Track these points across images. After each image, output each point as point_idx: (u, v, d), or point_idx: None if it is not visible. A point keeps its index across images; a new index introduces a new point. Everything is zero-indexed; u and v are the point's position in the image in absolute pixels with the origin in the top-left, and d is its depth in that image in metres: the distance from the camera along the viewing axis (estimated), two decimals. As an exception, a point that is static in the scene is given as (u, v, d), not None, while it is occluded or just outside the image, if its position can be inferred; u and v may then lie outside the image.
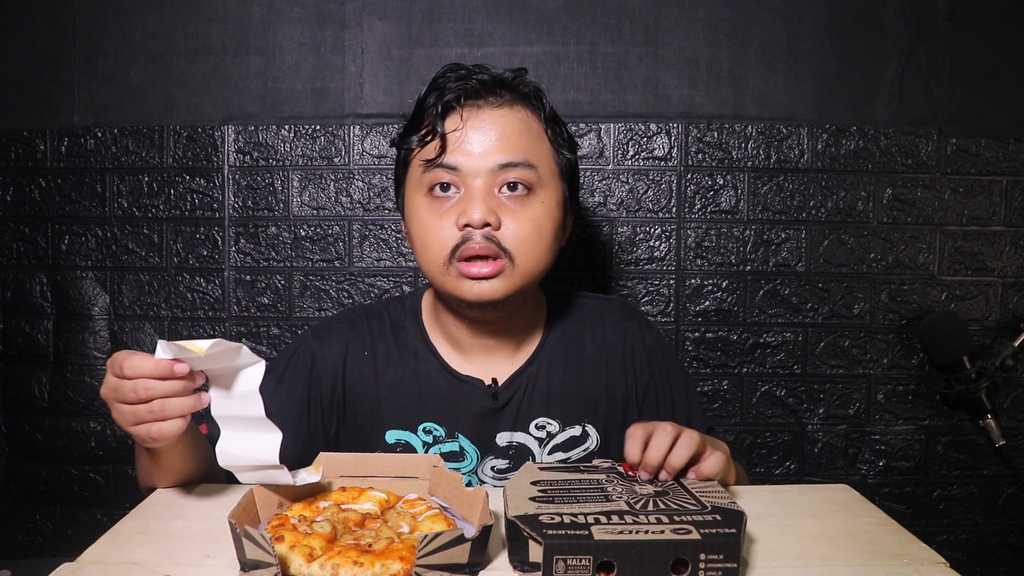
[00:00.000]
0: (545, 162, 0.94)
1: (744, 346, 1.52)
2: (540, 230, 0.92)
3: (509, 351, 1.02)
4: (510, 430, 1.00)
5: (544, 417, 1.01)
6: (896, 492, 1.54)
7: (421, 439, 0.99)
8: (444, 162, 0.91)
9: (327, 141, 1.51)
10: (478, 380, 1.00)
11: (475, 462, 1.00)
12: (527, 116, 0.94)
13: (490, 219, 0.88)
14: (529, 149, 0.92)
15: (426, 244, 0.93)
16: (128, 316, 1.53)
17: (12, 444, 1.56)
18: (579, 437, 1.02)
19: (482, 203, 0.89)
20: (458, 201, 0.91)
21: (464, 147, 0.91)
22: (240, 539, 0.64)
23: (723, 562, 0.62)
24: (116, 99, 1.51)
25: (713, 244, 1.51)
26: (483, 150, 0.90)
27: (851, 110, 1.50)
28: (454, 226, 0.90)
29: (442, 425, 0.99)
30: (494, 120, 0.92)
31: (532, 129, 0.94)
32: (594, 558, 0.62)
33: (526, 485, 0.76)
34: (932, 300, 1.52)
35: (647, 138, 1.50)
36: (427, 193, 0.93)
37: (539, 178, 0.92)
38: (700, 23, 1.49)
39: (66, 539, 1.54)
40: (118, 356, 0.75)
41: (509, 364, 1.02)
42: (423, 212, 0.93)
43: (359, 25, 1.49)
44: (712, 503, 0.71)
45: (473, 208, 0.88)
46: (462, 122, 0.91)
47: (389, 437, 1.00)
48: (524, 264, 0.91)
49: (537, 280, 0.96)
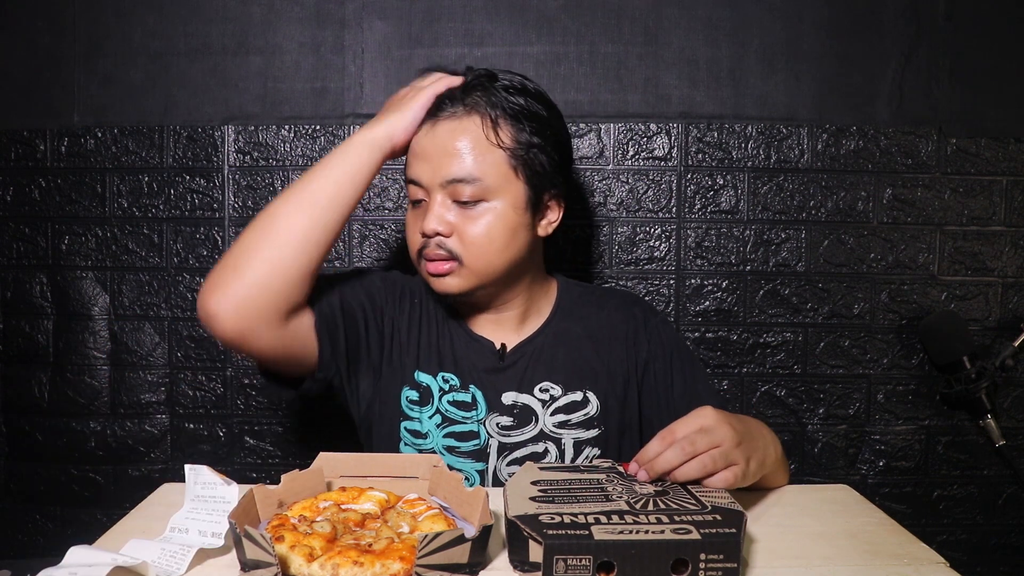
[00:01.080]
0: (494, 171, 1.00)
1: (744, 346, 1.52)
2: (489, 235, 1.01)
3: (515, 324, 1.12)
4: (516, 391, 1.08)
5: (547, 381, 1.09)
6: (896, 492, 1.54)
7: (439, 384, 1.09)
8: (412, 177, 1.03)
9: (327, 141, 1.51)
10: (488, 341, 1.11)
11: (484, 412, 1.08)
12: (477, 125, 1.00)
13: (440, 229, 1.00)
14: (475, 164, 0.99)
15: (408, 243, 1.07)
16: (128, 316, 1.53)
17: (12, 444, 1.56)
18: (580, 402, 1.09)
19: (434, 216, 1.00)
20: (423, 209, 1.02)
21: (422, 162, 1.01)
22: (240, 539, 0.64)
23: (723, 562, 0.63)
24: (116, 99, 1.51)
25: (713, 244, 1.51)
26: (435, 166, 1.00)
27: (851, 110, 1.50)
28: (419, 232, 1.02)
29: (457, 376, 1.09)
30: (445, 135, 1.00)
31: (481, 139, 1.00)
32: (594, 558, 0.62)
33: (526, 485, 0.76)
34: (932, 300, 1.52)
35: (647, 138, 1.50)
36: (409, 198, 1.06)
37: (487, 188, 1.00)
38: (700, 23, 1.49)
39: (66, 539, 1.53)
40: None
41: (516, 335, 1.12)
42: (408, 214, 1.07)
43: (359, 25, 1.49)
44: (712, 503, 0.71)
45: (427, 220, 1.00)
46: (421, 137, 1.02)
47: (417, 376, 1.09)
48: (474, 265, 1.02)
49: (499, 274, 1.04)
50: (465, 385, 1.08)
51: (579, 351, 1.11)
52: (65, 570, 0.63)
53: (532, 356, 1.10)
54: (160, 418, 1.54)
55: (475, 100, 1.00)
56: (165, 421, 1.54)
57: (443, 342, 1.11)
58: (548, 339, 1.12)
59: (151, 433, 1.54)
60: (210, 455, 1.54)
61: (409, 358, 1.10)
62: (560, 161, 1.06)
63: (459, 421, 1.07)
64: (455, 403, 1.08)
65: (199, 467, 0.76)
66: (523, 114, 1.01)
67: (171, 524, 0.75)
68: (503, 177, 1.00)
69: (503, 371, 1.09)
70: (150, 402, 1.54)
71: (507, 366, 1.09)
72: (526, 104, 1.02)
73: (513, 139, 1.00)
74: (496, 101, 1.00)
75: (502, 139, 1.00)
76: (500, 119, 1.00)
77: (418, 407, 1.08)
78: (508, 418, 1.07)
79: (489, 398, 1.08)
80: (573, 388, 1.09)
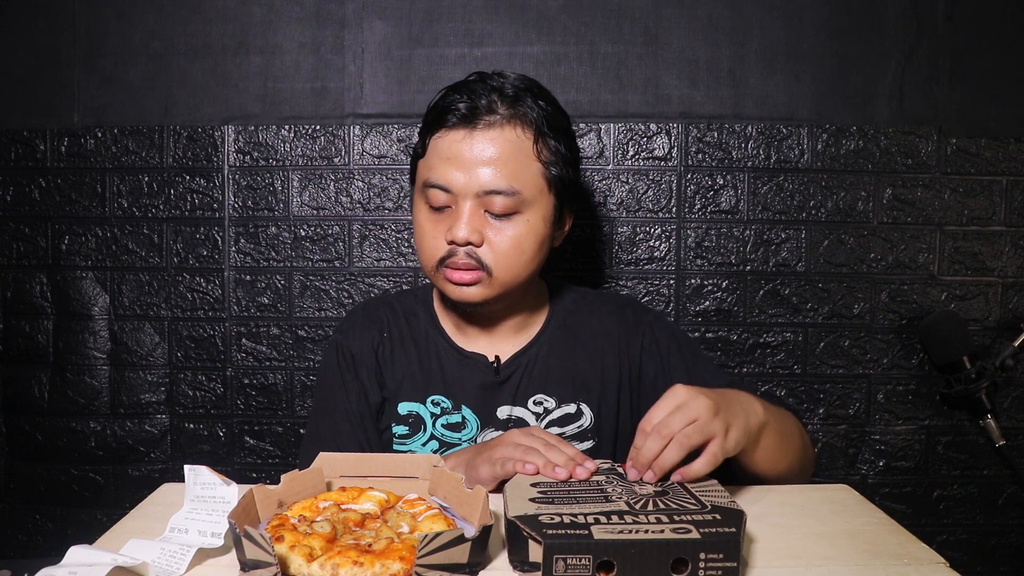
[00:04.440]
0: (532, 183, 0.98)
1: (744, 346, 1.52)
2: (521, 247, 0.99)
3: (509, 335, 1.10)
4: (510, 404, 1.07)
5: (542, 394, 1.08)
6: (896, 492, 1.54)
7: (429, 410, 1.07)
8: (438, 183, 0.97)
9: (327, 141, 1.51)
10: (482, 356, 1.08)
11: (475, 431, 1.07)
12: (519, 136, 0.97)
13: (472, 238, 0.96)
14: (514, 175, 0.96)
15: (421, 248, 1.02)
16: (128, 316, 1.53)
17: (12, 444, 1.56)
18: (573, 414, 1.08)
19: (466, 224, 0.96)
20: (448, 215, 0.98)
21: (456, 169, 0.96)
22: (240, 539, 0.64)
23: (723, 561, 0.63)
24: (116, 99, 1.51)
25: (713, 244, 1.51)
26: (471, 174, 0.96)
27: (851, 110, 1.50)
28: (444, 238, 0.98)
29: (448, 398, 1.07)
30: (484, 144, 0.96)
31: (521, 151, 0.97)
32: (594, 557, 0.62)
33: (526, 486, 0.76)
34: (932, 300, 1.52)
35: (647, 138, 1.50)
36: (425, 201, 1.00)
37: (523, 200, 0.97)
38: (700, 23, 1.49)
39: (66, 539, 1.54)
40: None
41: (511, 346, 1.10)
42: (422, 218, 1.01)
43: (359, 25, 1.49)
44: (712, 502, 0.71)
45: (458, 228, 0.96)
46: (454, 144, 0.97)
47: (401, 409, 1.07)
48: (502, 277, 0.99)
49: (519, 286, 1.03)
50: (457, 406, 1.06)
51: (572, 361, 1.09)
52: (65, 570, 0.63)
53: (526, 368, 1.08)
54: (160, 418, 1.54)
55: (516, 110, 0.97)
56: (165, 421, 1.54)
57: (430, 363, 1.08)
58: (542, 349, 1.09)
59: (151, 433, 1.54)
60: (210, 455, 1.54)
61: (390, 393, 1.08)
62: (576, 174, 1.07)
63: (455, 443, 1.06)
64: (449, 426, 1.06)
65: (199, 467, 0.76)
66: (558, 128, 1.00)
67: (171, 524, 0.75)
68: (538, 190, 0.98)
69: (499, 385, 1.07)
70: (150, 402, 1.54)
71: (502, 380, 1.07)
72: (559, 118, 1.02)
73: (550, 153, 0.99)
74: (536, 113, 0.98)
75: (541, 152, 0.98)
76: (540, 132, 0.98)
77: (408, 440, 1.07)
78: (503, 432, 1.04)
79: (483, 415, 1.06)
80: (567, 400, 1.08)
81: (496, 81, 0.99)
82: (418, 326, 1.11)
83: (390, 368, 1.09)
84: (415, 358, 1.09)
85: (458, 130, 0.96)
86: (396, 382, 1.08)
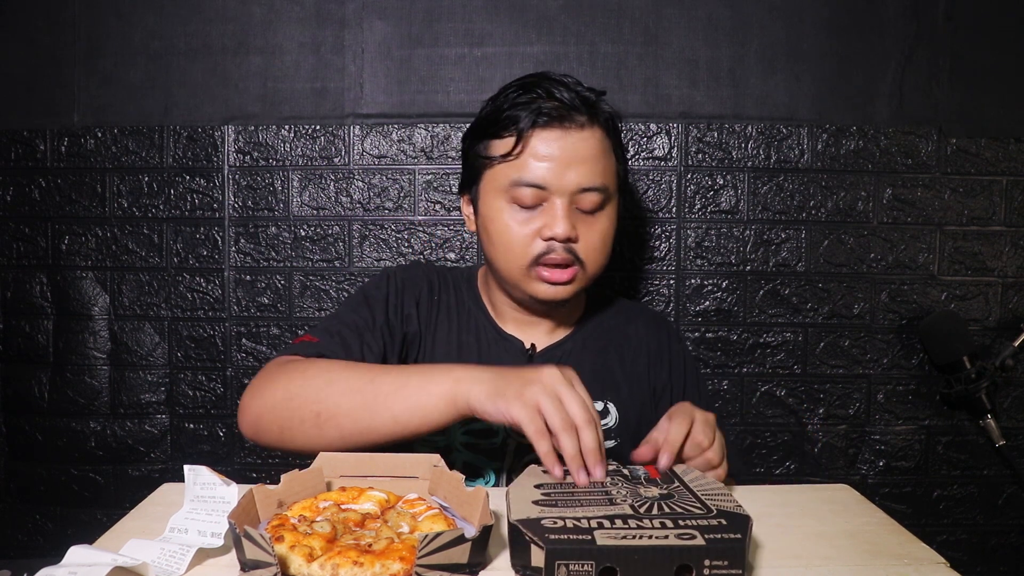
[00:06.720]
0: (613, 179, 1.04)
1: (744, 346, 1.52)
2: (606, 240, 1.04)
3: (548, 329, 1.13)
4: None
5: None
6: (896, 492, 1.54)
7: None
8: (533, 181, 0.99)
9: (327, 141, 1.51)
10: (518, 340, 1.11)
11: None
12: (603, 137, 1.02)
13: (572, 234, 0.99)
14: (604, 173, 1.01)
15: (509, 248, 1.02)
16: (128, 316, 1.53)
17: (12, 444, 1.56)
18: (600, 412, 1.09)
19: (565, 220, 0.98)
20: (541, 213, 1.00)
21: (550, 168, 0.99)
22: (240, 539, 0.64)
23: (728, 568, 0.62)
24: (116, 99, 1.51)
25: (713, 244, 1.51)
26: (567, 172, 0.99)
27: (851, 110, 1.50)
28: (538, 236, 1.00)
29: None
30: (577, 144, 0.99)
31: (606, 151, 1.03)
32: (596, 564, 0.61)
33: (529, 488, 0.76)
34: (932, 300, 1.52)
35: (647, 138, 1.50)
36: (510, 201, 1.01)
37: (608, 196, 1.03)
38: (700, 23, 1.49)
39: (66, 539, 1.54)
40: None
41: (547, 338, 1.13)
42: (506, 217, 1.02)
43: (359, 25, 1.49)
44: (718, 507, 0.70)
45: (557, 224, 0.98)
46: (550, 143, 0.99)
47: None
48: (592, 270, 1.04)
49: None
50: None
51: (604, 360, 1.13)
52: (65, 570, 0.63)
53: (559, 360, 1.10)
54: (160, 418, 1.54)
55: (597, 111, 1.02)
56: (165, 421, 1.54)
57: (470, 338, 1.11)
58: (576, 345, 1.13)
59: (151, 433, 1.54)
60: (210, 455, 1.54)
61: (424, 357, 1.09)
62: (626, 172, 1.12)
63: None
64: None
65: (198, 467, 0.76)
66: (617, 129, 1.07)
67: (171, 524, 0.75)
68: (616, 186, 1.05)
69: None
70: (150, 402, 1.54)
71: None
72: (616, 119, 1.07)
73: (621, 152, 1.07)
74: (607, 114, 1.04)
75: (616, 150, 1.05)
76: (612, 131, 1.04)
77: None
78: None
79: None
80: (595, 397, 1.07)
81: (570, 80, 1.03)
82: (462, 300, 1.14)
83: (430, 332, 1.10)
84: (455, 328, 1.11)
85: (552, 129, 0.99)
86: (434, 347, 1.09)
